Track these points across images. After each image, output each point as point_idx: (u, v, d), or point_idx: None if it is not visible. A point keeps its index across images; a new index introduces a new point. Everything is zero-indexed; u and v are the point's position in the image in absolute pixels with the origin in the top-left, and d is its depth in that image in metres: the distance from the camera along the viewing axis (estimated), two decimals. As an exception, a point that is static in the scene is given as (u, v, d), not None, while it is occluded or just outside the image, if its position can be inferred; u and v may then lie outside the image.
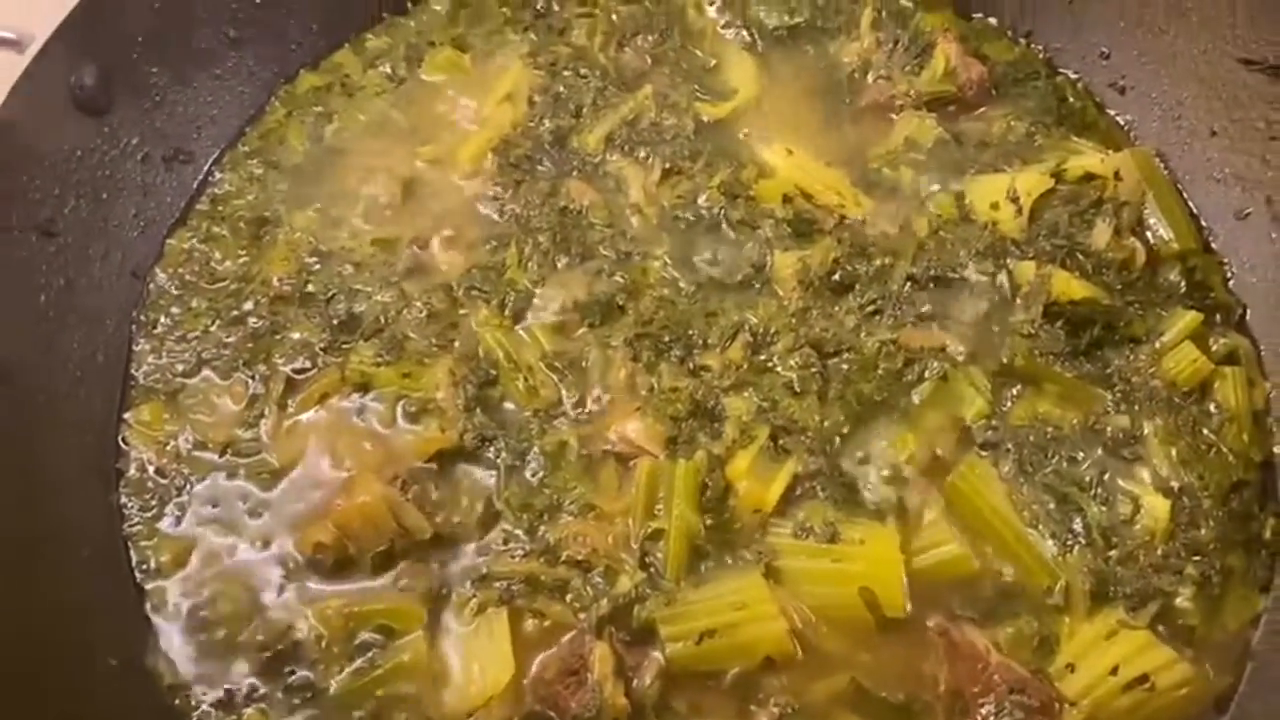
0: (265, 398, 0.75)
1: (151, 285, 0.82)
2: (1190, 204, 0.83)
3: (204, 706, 0.65)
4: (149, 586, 0.69)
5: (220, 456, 0.73)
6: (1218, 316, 0.79)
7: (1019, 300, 0.76)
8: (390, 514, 0.68)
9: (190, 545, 0.70)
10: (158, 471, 0.73)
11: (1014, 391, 0.74)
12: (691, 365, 0.74)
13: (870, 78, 0.87)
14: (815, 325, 0.75)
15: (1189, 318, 0.77)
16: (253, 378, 0.76)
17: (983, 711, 0.64)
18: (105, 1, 0.79)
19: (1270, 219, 0.79)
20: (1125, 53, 0.87)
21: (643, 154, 0.83)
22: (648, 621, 0.65)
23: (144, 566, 0.69)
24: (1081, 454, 0.72)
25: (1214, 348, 0.77)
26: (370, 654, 0.66)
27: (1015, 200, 0.79)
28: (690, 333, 0.75)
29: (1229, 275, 0.81)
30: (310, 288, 0.79)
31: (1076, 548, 0.69)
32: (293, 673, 0.65)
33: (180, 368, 0.77)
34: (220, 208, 0.85)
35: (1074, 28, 0.89)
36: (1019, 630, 0.67)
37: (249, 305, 0.79)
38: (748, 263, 0.79)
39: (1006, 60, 0.90)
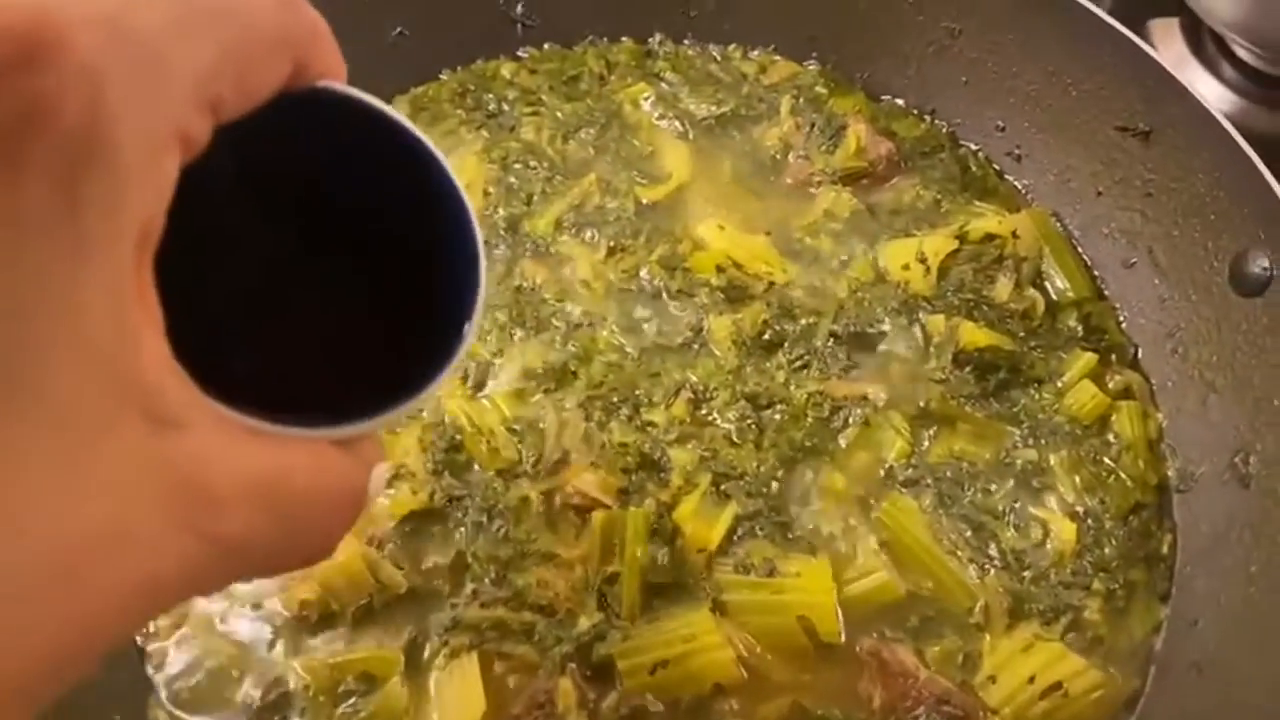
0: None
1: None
2: (1084, 256, 0.92)
3: (202, 756, 0.71)
4: (149, 648, 0.73)
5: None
6: (1113, 356, 0.87)
7: (931, 350, 0.84)
8: (368, 571, 0.74)
9: (186, 610, 0.75)
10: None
11: (931, 432, 0.81)
12: (639, 422, 0.81)
13: (791, 158, 0.96)
14: (749, 381, 0.83)
15: (1086, 359, 0.85)
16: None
17: (914, 723, 0.71)
18: None
19: (1153, 266, 0.87)
20: (1018, 125, 0.96)
21: (589, 234, 0.91)
22: (606, 657, 0.71)
23: (144, 630, 0.74)
24: (994, 486, 0.79)
25: (1110, 385, 0.85)
26: (353, 700, 0.71)
27: (924, 261, 0.88)
28: (637, 392, 0.82)
29: (1121, 319, 0.89)
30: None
31: (993, 570, 0.76)
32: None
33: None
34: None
35: (971, 105, 0.98)
36: (944, 648, 0.73)
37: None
38: (687, 327, 0.86)
39: (913, 136, 0.99)
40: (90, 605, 0.26)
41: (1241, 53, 1.12)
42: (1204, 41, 1.16)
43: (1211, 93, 1.13)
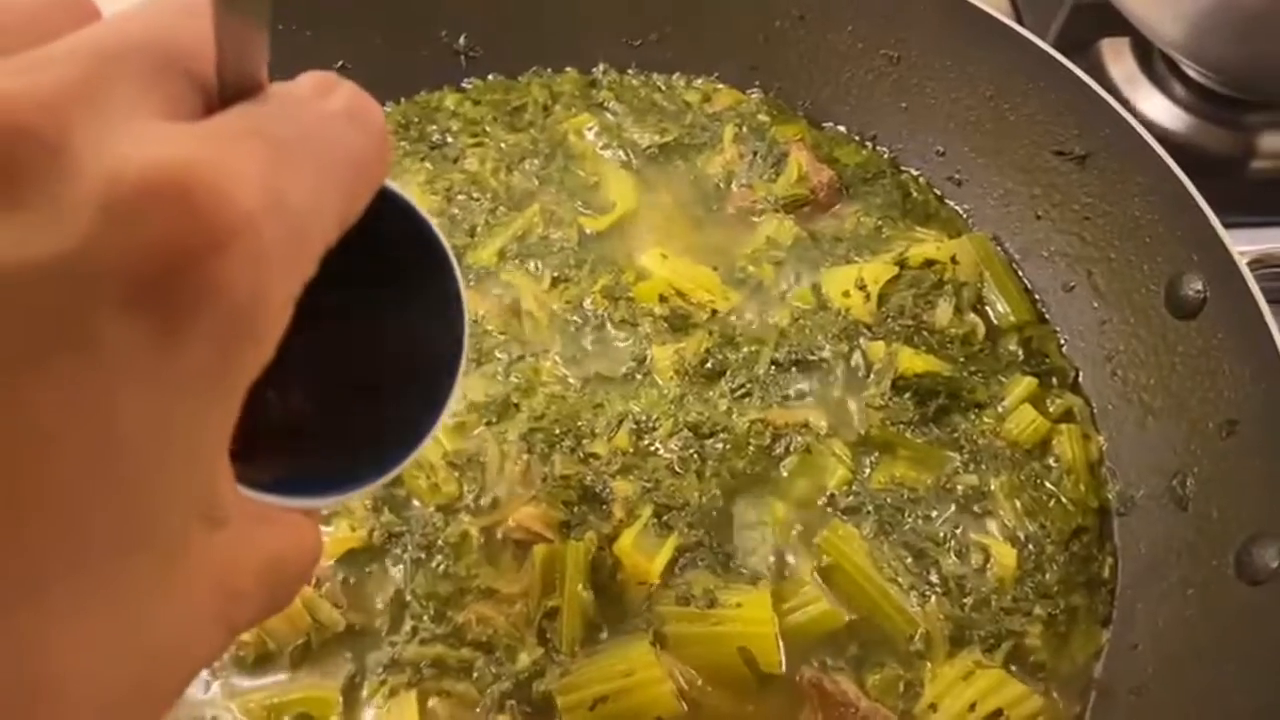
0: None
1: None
2: (1025, 280, 0.93)
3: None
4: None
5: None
6: (1054, 380, 0.88)
7: (871, 376, 0.84)
8: (306, 610, 0.73)
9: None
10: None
11: (872, 459, 0.81)
12: (581, 454, 0.81)
13: (734, 186, 0.97)
14: (692, 410, 0.83)
15: (1026, 383, 0.86)
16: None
17: (855, 753, 0.71)
18: None
19: (1092, 290, 0.88)
20: (958, 150, 0.97)
21: (533, 265, 0.91)
22: (545, 694, 0.70)
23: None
24: (935, 512, 0.79)
25: (1051, 408, 0.86)
26: (290, 742, 0.71)
27: (864, 288, 0.88)
28: (580, 424, 0.82)
29: (1062, 342, 0.90)
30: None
31: (934, 597, 0.76)
32: (218, 764, 0.70)
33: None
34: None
35: (912, 130, 0.99)
36: (885, 676, 0.73)
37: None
38: (630, 357, 0.86)
39: (855, 163, 1.00)
40: (154, 712, 0.28)
41: (1191, 72, 1.14)
42: (1154, 61, 1.18)
43: (1163, 112, 1.15)
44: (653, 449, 0.81)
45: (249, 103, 0.27)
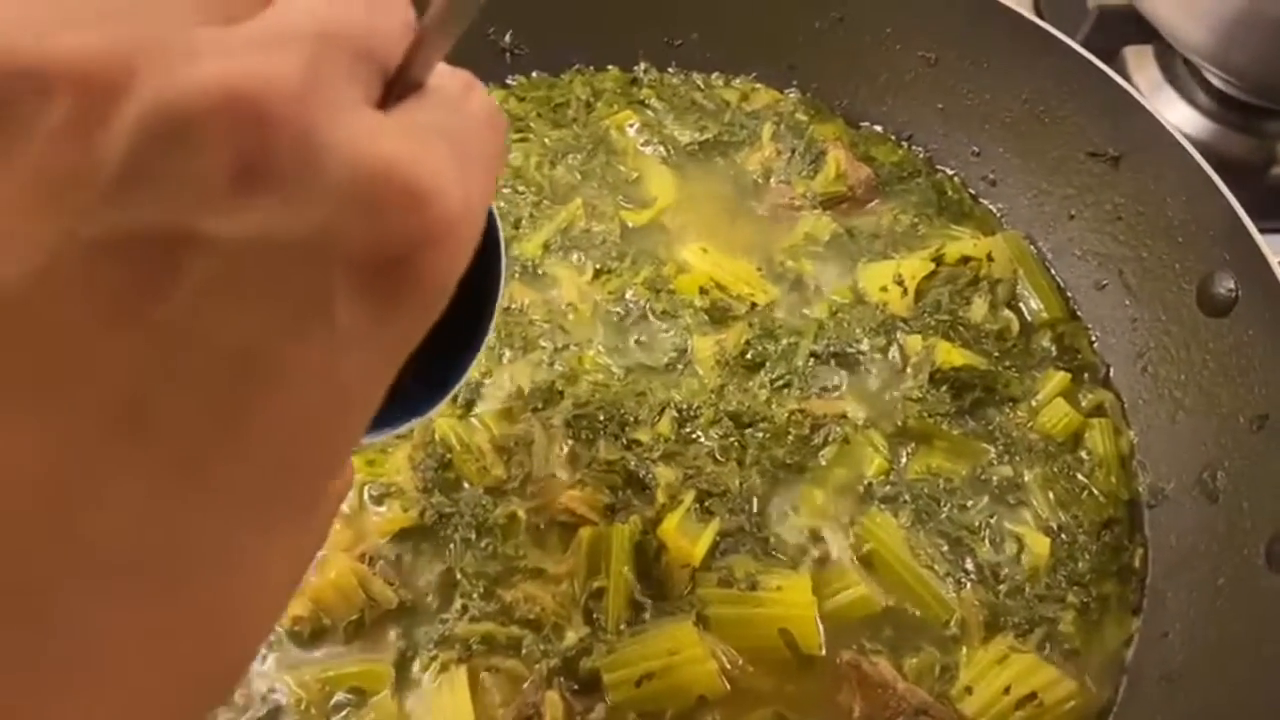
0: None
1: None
2: (1057, 278, 0.95)
3: (196, 768, 0.72)
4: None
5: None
6: (1086, 375, 0.90)
7: (908, 369, 0.86)
8: (360, 587, 0.76)
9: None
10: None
11: (909, 449, 0.84)
12: (625, 440, 0.83)
13: (773, 183, 0.99)
14: (732, 400, 0.85)
15: (1059, 378, 0.88)
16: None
17: (892, 733, 0.72)
18: None
19: (1123, 288, 0.90)
20: (993, 150, 0.99)
21: (576, 257, 0.94)
22: (592, 670, 0.72)
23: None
24: (970, 502, 0.81)
25: (1083, 403, 0.88)
26: (344, 713, 0.72)
27: (901, 283, 0.90)
28: (623, 412, 0.84)
29: (1094, 339, 0.92)
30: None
31: (969, 584, 0.78)
32: (275, 732, 0.72)
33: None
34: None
35: (947, 131, 1.01)
36: (922, 660, 0.75)
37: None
38: (671, 348, 0.88)
39: (891, 162, 1.02)
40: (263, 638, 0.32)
41: (1214, 79, 1.16)
42: (1177, 68, 1.19)
43: (1185, 119, 1.16)
44: (694, 437, 0.83)
45: (420, 99, 0.28)
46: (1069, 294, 0.94)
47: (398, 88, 0.28)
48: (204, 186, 0.23)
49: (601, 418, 0.84)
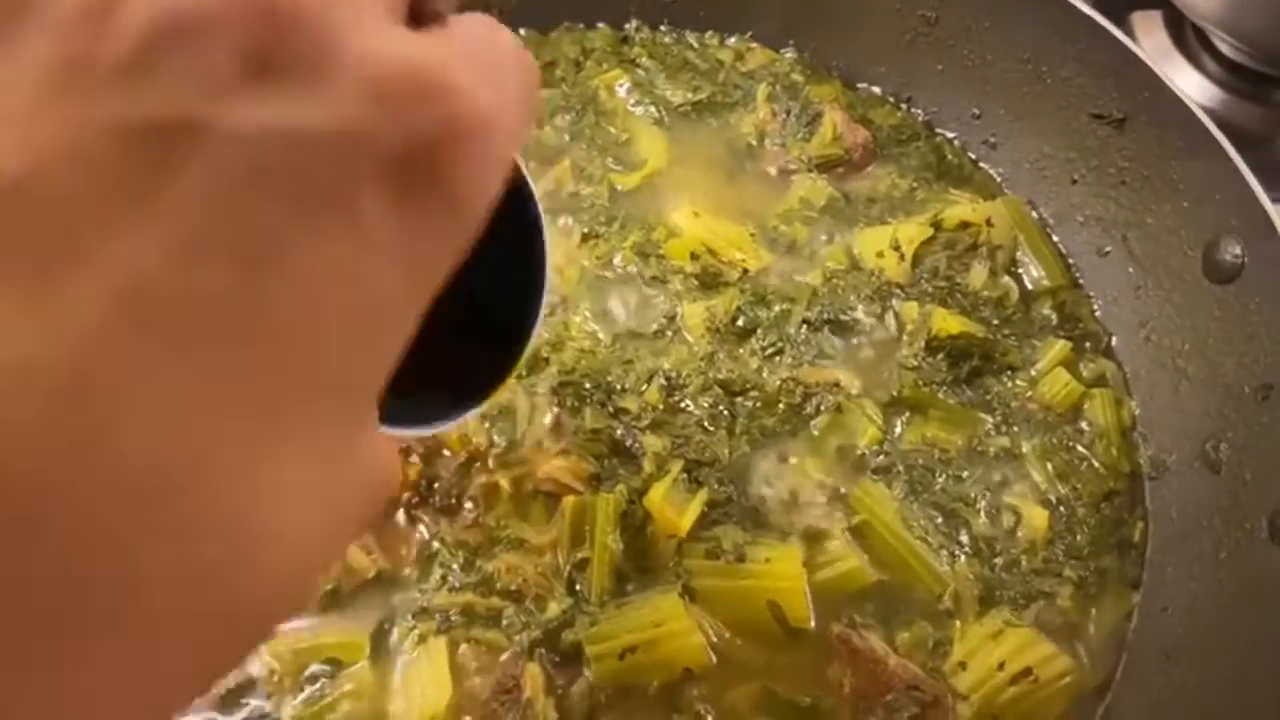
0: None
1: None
2: (1059, 244, 0.92)
3: (166, 739, 0.70)
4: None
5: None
6: (1087, 344, 0.87)
7: (904, 337, 0.84)
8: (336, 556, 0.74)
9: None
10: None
11: (903, 419, 0.81)
12: (611, 409, 0.80)
13: (767, 145, 0.96)
14: (722, 367, 0.82)
15: (1060, 346, 0.85)
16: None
17: (883, 708, 0.70)
18: None
19: (1127, 254, 0.87)
20: (993, 113, 0.96)
21: (563, 221, 0.91)
22: (575, 642, 0.70)
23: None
24: (966, 473, 0.79)
25: (1084, 372, 0.85)
26: (320, 684, 0.70)
27: (898, 249, 0.88)
28: (609, 379, 0.82)
29: (1096, 307, 0.89)
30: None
31: (964, 557, 0.76)
32: (248, 704, 0.70)
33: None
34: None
35: (947, 93, 0.98)
36: (914, 634, 0.73)
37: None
38: (660, 314, 0.85)
39: (889, 125, 0.99)
40: (317, 571, 0.29)
41: (1223, 46, 1.13)
42: (1186, 35, 1.17)
43: (1193, 86, 1.14)
44: (683, 405, 0.81)
45: (446, 29, 0.28)
46: (1071, 260, 0.92)
47: (422, 18, 0.28)
48: (216, 74, 0.23)
49: (588, 385, 0.81)
